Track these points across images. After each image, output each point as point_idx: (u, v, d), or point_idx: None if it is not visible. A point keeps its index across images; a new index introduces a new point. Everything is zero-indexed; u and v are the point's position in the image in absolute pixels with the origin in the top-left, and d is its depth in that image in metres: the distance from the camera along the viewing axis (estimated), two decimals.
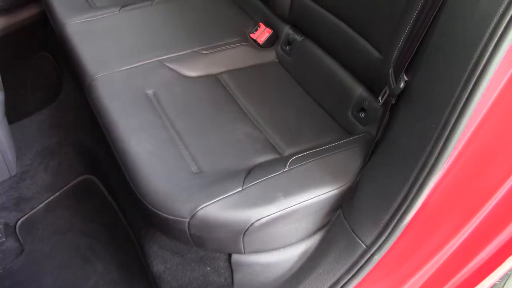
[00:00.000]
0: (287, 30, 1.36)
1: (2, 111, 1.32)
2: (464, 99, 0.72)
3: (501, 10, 0.67)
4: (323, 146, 1.03)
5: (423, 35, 0.82)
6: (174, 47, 1.31)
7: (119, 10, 1.46)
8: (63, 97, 1.73)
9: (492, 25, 0.67)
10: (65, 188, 1.44)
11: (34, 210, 1.38)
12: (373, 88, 1.08)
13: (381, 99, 0.95)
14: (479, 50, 0.69)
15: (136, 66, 1.23)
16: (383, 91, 0.95)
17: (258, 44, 1.38)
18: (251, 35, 1.40)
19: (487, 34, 0.68)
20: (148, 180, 0.95)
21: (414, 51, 0.84)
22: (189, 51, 1.30)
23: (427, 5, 0.81)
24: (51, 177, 1.46)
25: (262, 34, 1.38)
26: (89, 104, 1.20)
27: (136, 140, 1.03)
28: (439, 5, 0.78)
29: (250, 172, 0.96)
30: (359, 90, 1.13)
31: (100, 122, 1.13)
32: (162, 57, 1.27)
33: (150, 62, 1.25)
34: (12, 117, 1.48)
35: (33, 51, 1.99)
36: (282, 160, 0.98)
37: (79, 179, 1.47)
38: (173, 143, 1.04)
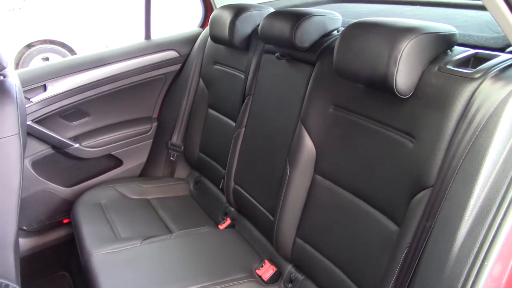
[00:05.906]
0: (289, 269, 1.50)
1: None
2: None
3: (463, 277, 0.82)
4: None
5: None
6: (185, 282, 1.44)
7: (141, 243, 1.64)
8: None
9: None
10: None
11: None
12: None
13: None
14: None
15: None
16: None
17: (263, 280, 1.50)
18: (257, 271, 1.54)
19: None
20: None
21: None
22: (199, 286, 1.42)
23: (406, 264, 0.96)
24: None
25: (267, 270, 1.52)
26: None
27: None
28: (415, 264, 0.93)
29: None
30: None
31: None
32: None
33: None
34: None
35: (54, 270, 2.11)
36: None
37: None
38: None
